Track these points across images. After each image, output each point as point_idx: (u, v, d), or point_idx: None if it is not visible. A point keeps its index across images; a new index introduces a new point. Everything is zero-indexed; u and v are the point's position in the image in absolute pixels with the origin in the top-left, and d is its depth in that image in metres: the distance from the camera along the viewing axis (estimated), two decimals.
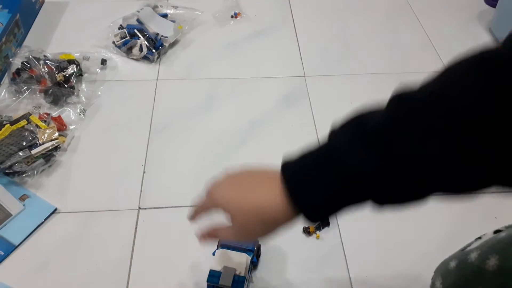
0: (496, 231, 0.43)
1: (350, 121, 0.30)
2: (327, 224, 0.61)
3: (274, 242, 0.60)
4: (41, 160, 0.66)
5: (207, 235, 0.39)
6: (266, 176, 0.33)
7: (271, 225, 0.33)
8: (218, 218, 0.38)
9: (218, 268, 0.50)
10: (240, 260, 0.50)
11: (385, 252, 0.60)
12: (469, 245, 0.44)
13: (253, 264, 0.56)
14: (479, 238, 0.44)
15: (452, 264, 0.42)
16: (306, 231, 0.60)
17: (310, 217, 0.31)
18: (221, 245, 0.53)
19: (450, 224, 0.63)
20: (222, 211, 0.36)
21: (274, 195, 0.31)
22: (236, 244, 0.52)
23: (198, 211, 0.40)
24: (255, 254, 0.54)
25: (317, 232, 0.60)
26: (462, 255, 0.41)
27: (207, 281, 0.49)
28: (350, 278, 0.57)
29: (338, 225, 0.62)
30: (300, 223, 0.62)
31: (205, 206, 0.39)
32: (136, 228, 0.61)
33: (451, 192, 0.29)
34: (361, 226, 0.62)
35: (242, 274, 0.49)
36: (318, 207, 0.30)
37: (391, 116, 0.28)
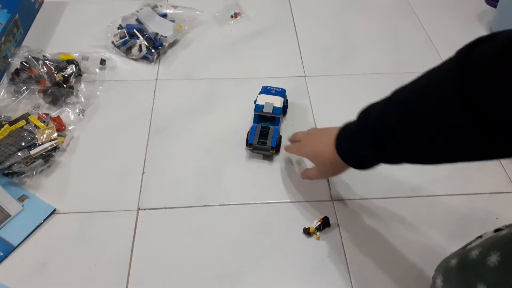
0: (497, 230, 0.43)
1: (363, 112, 0.47)
2: (328, 225, 0.61)
3: (275, 243, 0.60)
4: (40, 161, 0.66)
5: (303, 175, 0.63)
6: (330, 135, 0.51)
7: (339, 168, 0.53)
8: None
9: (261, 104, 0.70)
10: (276, 99, 0.71)
11: (385, 252, 0.59)
12: (469, 243, 0.44)
13: (284, 109, 0.75)
14: (480, 237, 0.44)
15: (453, 261, 0.42)
16: (307, 232, 0.60)
17: (355, 167, 0.50)
18: (261, 92, 0.73)
19: (451, 224, 0.63)
20: (304, 155, 0.61)
21: (332, 150, 0.51)
22: (272, 91, 0.74)
23: (290, 151, 0.65)
24: (285, 100, 0.74)
25: (318, 232, 0.60)
26: (463, 253, 0.41)
27: (255, 110, 0.70)
28: (350, 278, 0.57)
29: (338, 225, 0.62)
30: (301, 225, 0.62)
31: (294, 152, 0.64)
32: (135, 228, 0.61)
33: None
34: (361, 226, 0.62)
35: (279, 106, 0.70)
36: (356, 164, 0.49)
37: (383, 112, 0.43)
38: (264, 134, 0.69)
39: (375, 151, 0.44)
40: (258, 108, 0.70)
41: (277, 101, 0.71)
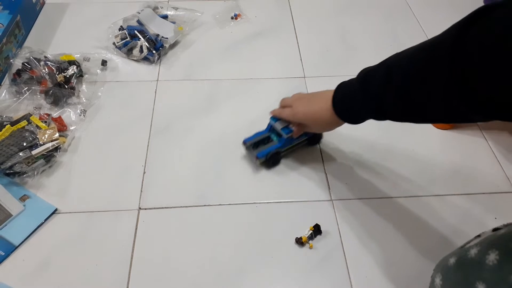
0: (495, 229, 0.43)
1: (363, 77, 0.52)
2: (319, 232, 0.61)
3: (275, 242, 0.60)
4: (42, 161, 0.66)
5: (299, 131, 0.65)
6: (324, 98, 0.57)
7: (333, 126, 0.59)
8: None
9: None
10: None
11: (385, 251, 0.60)
12: (468, 242, 0.44)
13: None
14: (478, 236, 0.44)
15: (452, 260, 0.42)
16: (299, 242, 0.60)
17: (351, 123, 0.55)
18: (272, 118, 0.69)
19: (449, 224, 0.63)
20: (299, 120, 0.62)
21: (329, 111, 0.56)
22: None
23: (279, 115, 0.67)
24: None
25: (310, 241, 0.60)
26: (461, 252, 0.41)
27: (270, 120, 0.69)
28: (349, 277, 0.57)
29: (338, 225, 0.62)
30: (300, 225, 0.62)
31: (289, 117, 0.64)
32: (136, 228, 0.61)
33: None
34: (361, 226, 0.62)
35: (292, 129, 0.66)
36: (353, 121, 0.55)
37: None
38: (264, 143, 0.69)
39: (375, 114, 0.50)
40: (273, 119, 0.68)
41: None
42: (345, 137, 0.74)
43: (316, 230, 0.60)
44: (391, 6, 1.04)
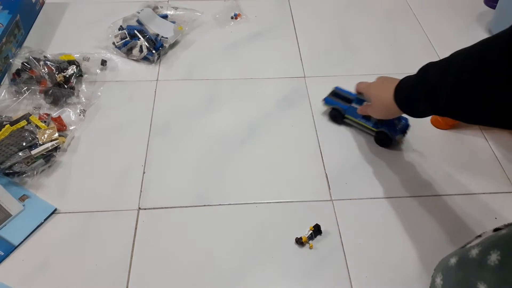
0: (496, 229, 0.43)
1: (423, 70, 0.54)
2: (319, 233, 0.61)
3: (275, 242, 0.60)
4: (41, 161, 0.66)
5: (361, 109, 0.71)
6: (393, 84, 0.59)
7: (393, 113, 0.62)
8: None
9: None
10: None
11: (385, 251, 0.59)
12: (469, 242, 0.44)
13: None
14: (479, 236, 0.44)
15: (453, 260, 0.42)
16: (299, 242, 0.59)
17: (409, 115, 0.58)
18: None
19: (450, 224, 0.63)
20: (369, 95, 0.68)
21: (391, 98, 0.58)
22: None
23: (359, 83, 0.73)
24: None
25: (310, 241, 0.60)
26: (462, 252, 0.41)
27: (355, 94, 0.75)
28: (349, 277, 0.57)
29: (338, 225, 0.62)
30: (300, 225, 0.62)
31: (362, 89, 0.71)
32: (136, 228, 0.61)
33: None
34: (361, 226, 0.62)
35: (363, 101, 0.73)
36: (410, 113, 0.58)
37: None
38: (342, 100, 0.76)
39: (429, 106, 0.51)
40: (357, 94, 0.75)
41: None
42: (345, 137, 0.74)
43: (316, 230, 0.60)
44: (391, 6, 1.04)
